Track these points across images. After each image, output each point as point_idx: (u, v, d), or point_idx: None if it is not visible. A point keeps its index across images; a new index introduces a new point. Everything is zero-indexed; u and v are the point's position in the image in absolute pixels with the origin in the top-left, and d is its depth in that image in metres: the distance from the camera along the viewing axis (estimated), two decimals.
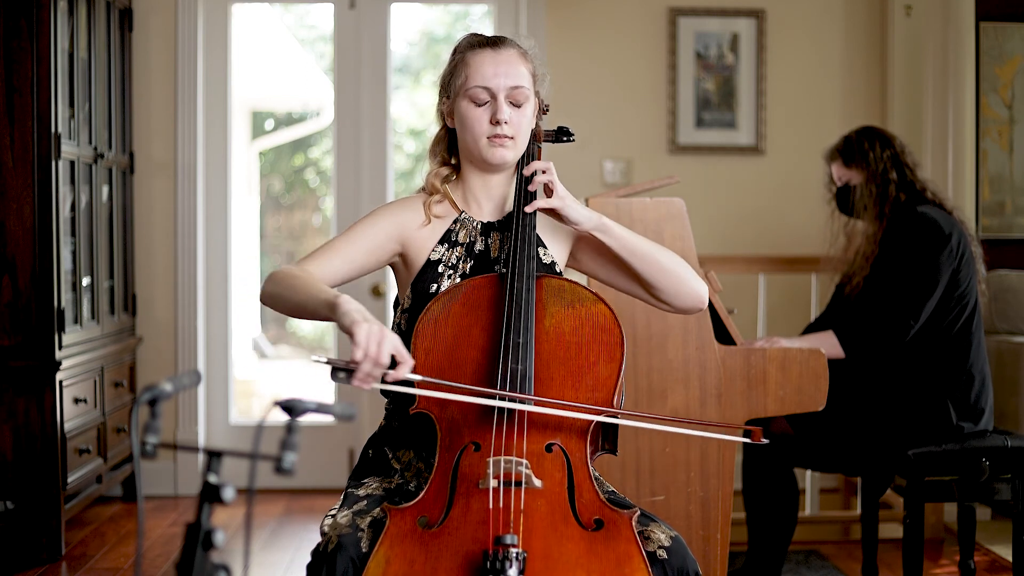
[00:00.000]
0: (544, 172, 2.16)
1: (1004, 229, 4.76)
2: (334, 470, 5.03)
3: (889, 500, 4.54)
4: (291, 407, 1.46)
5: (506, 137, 2.19)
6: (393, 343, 1.87)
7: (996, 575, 3.73)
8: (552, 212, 2.17)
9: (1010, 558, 3.61)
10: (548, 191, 2.17)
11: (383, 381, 1.90)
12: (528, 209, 2.15)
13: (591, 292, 2.13)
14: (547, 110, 2.36)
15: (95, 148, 4.32)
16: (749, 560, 3.54)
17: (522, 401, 1.99)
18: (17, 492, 3.79)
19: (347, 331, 1.90)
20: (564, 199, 2.15)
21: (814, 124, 5.03)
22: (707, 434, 2.19)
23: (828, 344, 3.35)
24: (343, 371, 1.87)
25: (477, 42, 2.23)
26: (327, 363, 1.86)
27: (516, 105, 2.20)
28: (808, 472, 4.36)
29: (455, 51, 2.27)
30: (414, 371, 1.95)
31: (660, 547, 1.97)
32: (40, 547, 3.80)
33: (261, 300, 2.14)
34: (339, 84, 5.07)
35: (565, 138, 2.44)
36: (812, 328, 3.71)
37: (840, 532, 4.39)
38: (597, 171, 5.00)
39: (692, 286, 2.22)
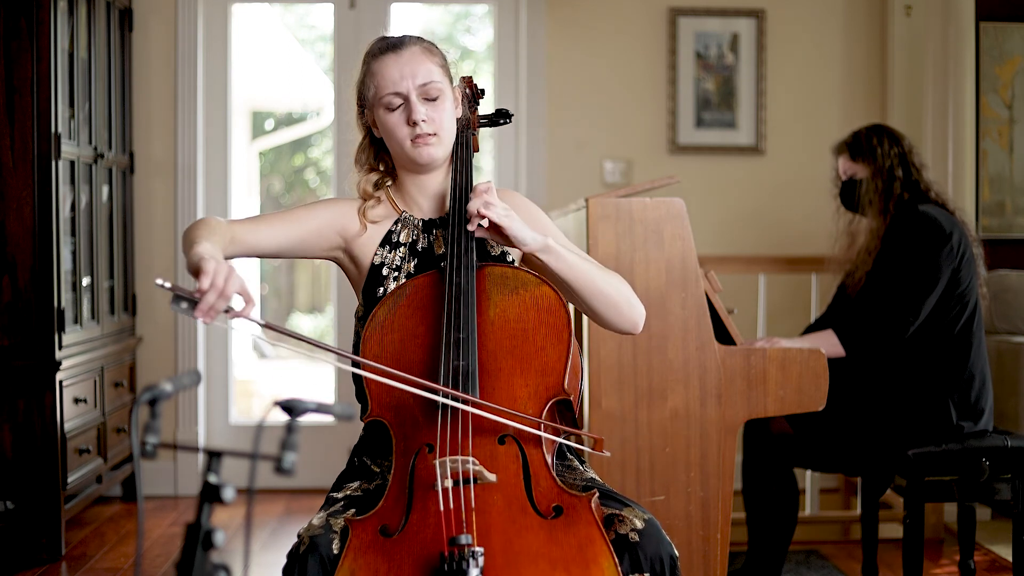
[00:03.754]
0: (486, 204, 2.08)
1: (1004, 229, 4.76)
2: (334, 470, 5.00)
3: (889, 500, 4.54)
4: (291, 407, 1.46)
5: (428, 135, 2.18)
6: (241, 282, 1.87)
7: (996, 575, 3.73)
8: (497, 231, 2.10)
9: (1010, 558, 3.61)
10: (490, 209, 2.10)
11: (236, 322, 1.87)
12: (470, 228, 2.09)
13: (534, 275, 2.10)
14: (483, 94, 2.36)
15: (95, 148, 4.32)
16: (749, 560, 3.54)
17: (461, 401, 1.97)
18: (17, 492, 3.79)
19: (195, 267, 1.88)
20: (511, 217, 2.09)
21: (814, 124, 5.03)
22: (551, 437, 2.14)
23: (828, 343, 3.35)
24: (187, 300, 1.82)
25: (379, 49, 2.23)
26: (171, 289, 1.79)
27: (430, 100, 2.19)
28: (808, 472, 4.36)
29: (363, 61, 2.26)
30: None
31: (632, 530, 1.95)
32: (40, 547, 3.80)
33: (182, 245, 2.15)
34: (339, 84, 5.07)
35: (503, 120, 2.42)
36: (813, 328, 3.71)
37: (840, 532, 4.39)
38: (597, 171, 5.00)
39: (628, 316, 2.19)
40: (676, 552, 1.98)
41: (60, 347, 3.90)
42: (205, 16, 4.98)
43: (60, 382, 3.86)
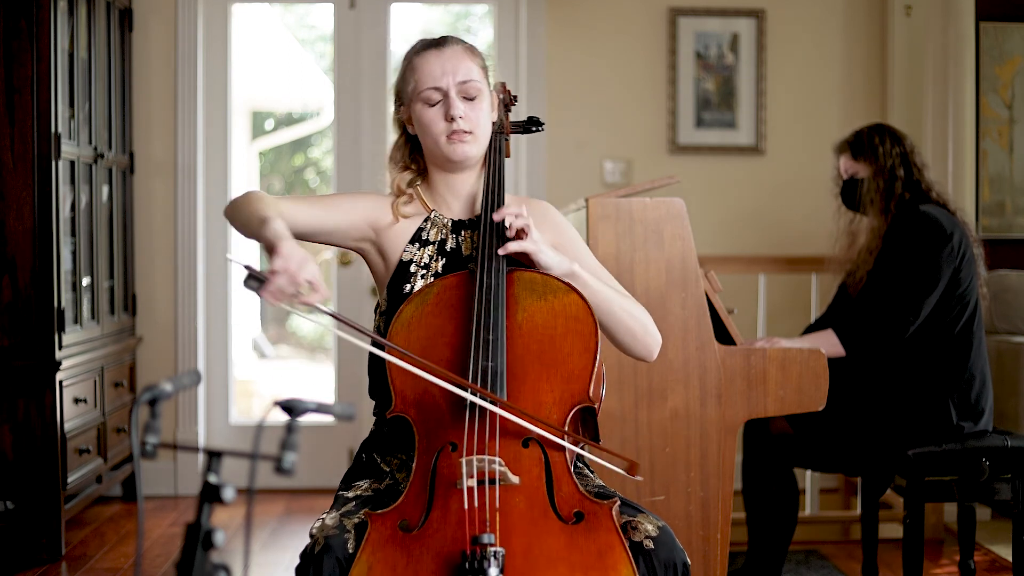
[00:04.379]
0: (518, 217, 2.12)
1: (1004, 229, 4.76)
2: (334, 470, 5.03)
3: (889, 500, 4.54)
4: (291, 407, 1.46)
5: (464, 132, 2.19)
6: (314, 271, 1.88)
7: (996, 575, 3.73)
8: (523, 255, 2.13)
9: (1010, 558, 3.61)
10: (523, 233, 2.12)
11: (297, 305, 1.89)
12: (501, 252, 2.10)
13: (563, 282, 2.11)
14: (516, 100, 2.37)
15: (95, 148, 4.32)
16: (749, 560, 3.54)
17: (490, 401, 1.97)
18: (17, 492, 3.79)
19: (270, 246, 1.91)
20: (537, 243, 2.11)
21: (814, 124, 5.03)
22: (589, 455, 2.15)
23: (828, 343, 3.36)
24: (256, 279, 1.85)
25: (422, 45, 2.25)
26: (245, 267, 1.83)
27: (469, 99, 2.21)
28: (808, 472, 4.36)
29: (404, 58, 2.29)
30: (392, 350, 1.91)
31: (647, 537, 1.96)
32: (40, 547, 3.80)
33: (224, 213, 2.18)
34: (339, 84, 5.07)
35: (534, 128, 2.44)
36: (813, 328, 3.71)
37: (840, 532, 4.39)
38: (597, 171, 5.00)
39: (644, 343, 2.22)
40: (688, 560, 2.00)
41: (60, 347, 3.90)
42: (205, 16, 4.98)
43: (60, 382, 3.86)
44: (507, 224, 2.11)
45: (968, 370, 3.35)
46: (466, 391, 1.97)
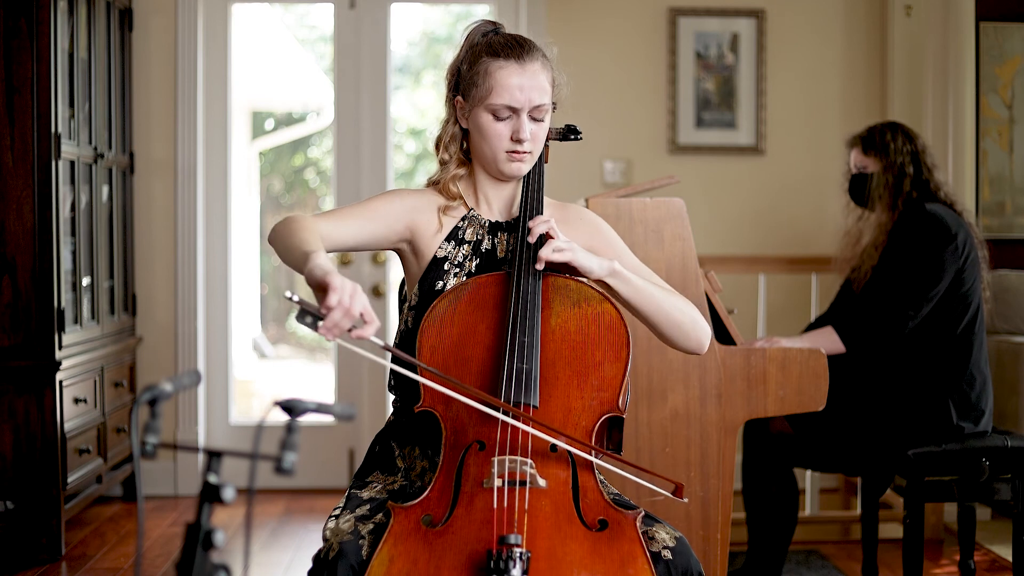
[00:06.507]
0: (542, 223, 2.10)
1: (1004, 229, 4.76)
2: (334, 470, 5.03)
3: (889, 500, 4.54)
4: (291, 407, 1.46)
5: (525, 153, 2.18)
6: (364, 301, 1.86)
7: (996, 575, 3.73)
8: (564, 265, 2.11)
9: (1010, 558, 3.61)
10: (548, 236, 2.11)
11: (351, 338, 1.87)
12: (539, 266, 2.09)
13: (598, 291, 2.12)
14: (554, 107, 2.37)
15: (95, 148, 4.32)
16: (749, 560, 3.54)
17: (516, 417, 1.97)
18: (17, 492, 3.79)
19: (320, 281, 1.87)
20: (574, 251, 2.09)
21: (814, 124, 5.03)
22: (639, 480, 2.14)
23: (829, 341, 3.36)
24: (312, 316, 1.84)
25: (501, 50, 2.18)
26: (298, 303, 1.82)
27: (537, 120, 2.19)
28: (808, 472, 4.36)
29: (473, 47, 2.22)
30: (423, 360, 1.90)
31: (665, 547, 1.98)
32: (40, 547, 3.80)
33: (268, 240, 2.13)
34: (339, 84, 5.07)
35: (572, 136, 2.45)
36: (814, 326, 3.71)
37: (840, 532, 4.39)
38: (597, 171, 5.00)
39: (693, 336, 2.20)
40: (702, 569, 2.01)
41: (60, 347, 3.90)
42: (205, 16, 4.98)
43: (60, 382, 3.86)
44: (531, 228, 2.10)
45: (969, 370, 3.35)
46: (498, 410, 1.96)
